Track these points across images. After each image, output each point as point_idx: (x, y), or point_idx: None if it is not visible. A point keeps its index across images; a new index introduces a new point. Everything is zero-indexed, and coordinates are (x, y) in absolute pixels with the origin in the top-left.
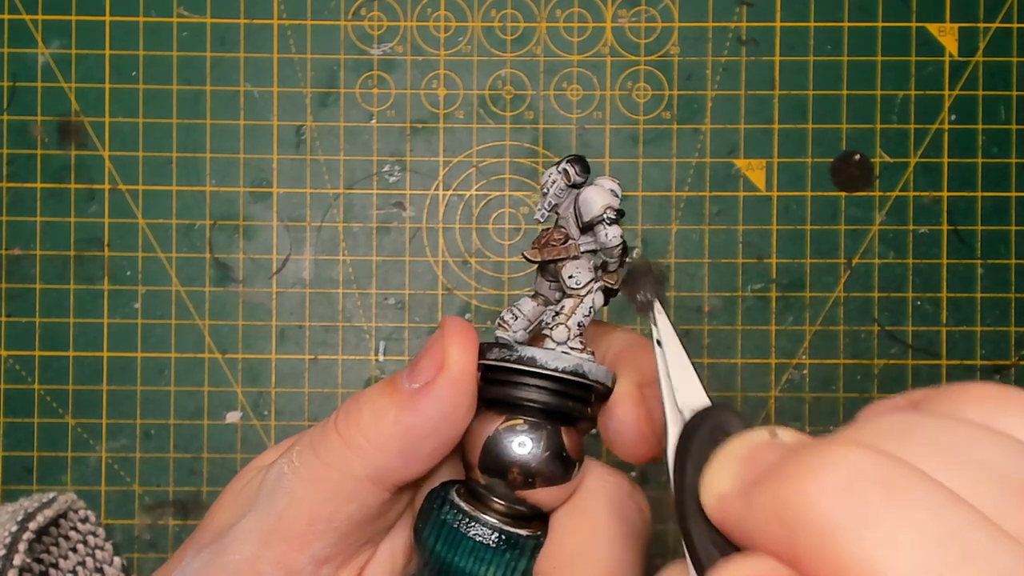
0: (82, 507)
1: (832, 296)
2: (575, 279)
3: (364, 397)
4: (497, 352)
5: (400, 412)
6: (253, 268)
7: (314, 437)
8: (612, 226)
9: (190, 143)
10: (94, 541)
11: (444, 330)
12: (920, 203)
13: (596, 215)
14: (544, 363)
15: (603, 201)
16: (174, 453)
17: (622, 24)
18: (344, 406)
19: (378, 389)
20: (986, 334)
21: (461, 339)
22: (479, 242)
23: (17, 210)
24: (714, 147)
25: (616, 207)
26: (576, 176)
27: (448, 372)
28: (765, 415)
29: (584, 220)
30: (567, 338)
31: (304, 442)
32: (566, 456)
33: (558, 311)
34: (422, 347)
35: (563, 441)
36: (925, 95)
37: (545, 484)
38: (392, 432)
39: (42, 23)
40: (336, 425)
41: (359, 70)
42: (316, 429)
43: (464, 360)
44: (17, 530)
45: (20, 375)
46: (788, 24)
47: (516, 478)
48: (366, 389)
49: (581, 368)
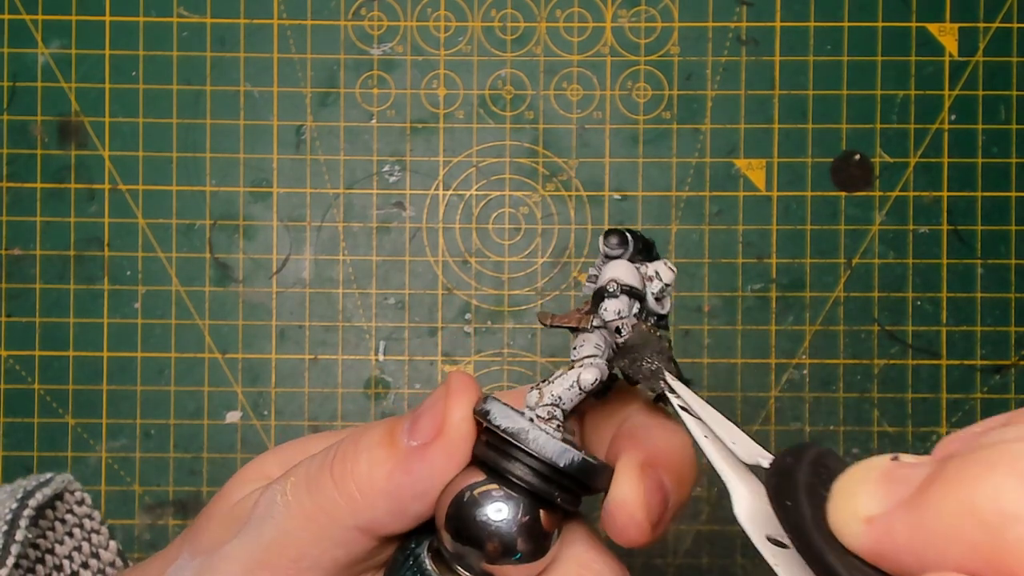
0: (78, 488)
1: (832, 296)
2: (577, 350)
3: (364, 441)
4: (477, 405)
5: (394, 469)
6: (253, 268)
7: (310, 473)
8: (610, 299)
9: (190, 143)
10: (90, 525)
11: (448, 388)
12: (920, 203)
13: (600, 285)
14: (492, 418)
15: (612, 274)
16: (174, 453)
17: (622, 24)
18: (343, 445)
19: (378, 436)
20: (986, 334)
21: (463, 401)
22: (479, 242)
23: (17, 210)
24: (714, 147)
25: (623, 282)
26: (607, 249)
27: (445, 438)
28: (765, 415)
29: (595, 289)
30: (535, 403)
31: (300, 475)
32: (542, 531)
33: (547, 378)
34: (428, 397)
35: (539, 515)
36: (925, 95)
37: (520, 560)
38: (383, 489)
39: (42, 23)
40: (332, 468)
41: (359, 70)
42: (314, 463)
43: (464, 427)
44: (17, 507)
45: (20, 375)
46: (788, 24)
47: (492, 549)
48: (370, 427)
49: (524, 434)
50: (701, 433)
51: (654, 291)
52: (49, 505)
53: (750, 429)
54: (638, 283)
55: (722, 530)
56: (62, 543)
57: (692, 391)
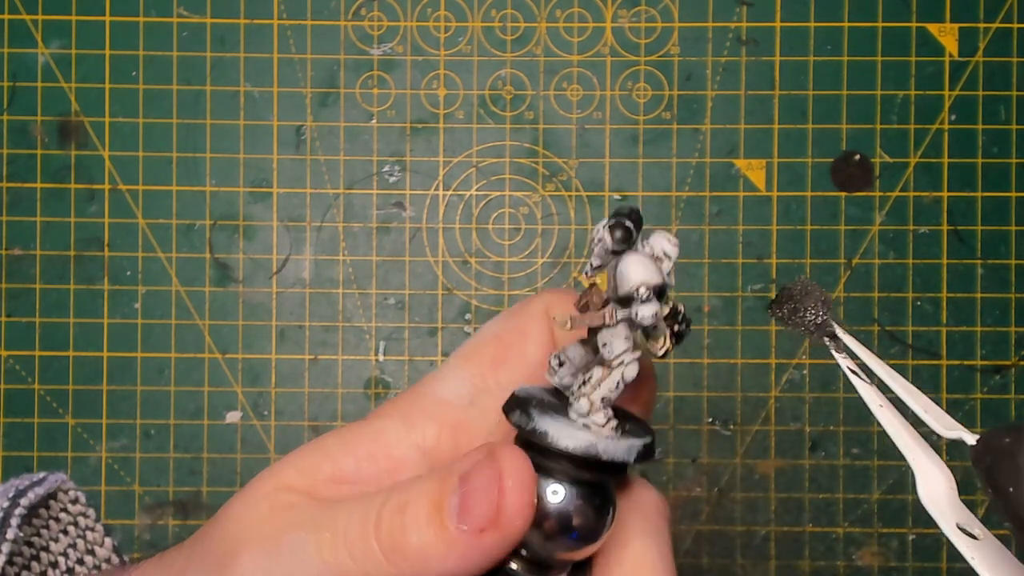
0: (72, 487)
1: (832, 296)
2: (609, 348)
3: (410, 516)
4: (517, 416)
5: (447, 553)
6: (253, 268)
7: (351, 536)
8: (645, 304)
9: (190, 143)
10: (84, 523)
11: (500, 469)
12: (920, 203)
13: (628, 292)
14: (555, 440)
15: (638, 278)
16: (174, 453)
17: (622, 24)
18: (388, 514)
19: (425, 514)
20: (986, 334)
21: (519, 487)
22: (479, 242)
23: (17, 210)
24: (714, 147)
25: (653, 284)
26: (615, 245)
27: (502, 530)
28: (765, 415)
29: (619, 294)
30: (588, 411)
31: (338, 534)
32: (599, 510)
33: (586, 379)
34: (472, 473)
35: (595, 496)
36: (925, 95)
37: (578, 540)
38: (437, 570)
39: (42, 23)
40: (380, 539)
41: (359, 70)
42: (353, 525)
43: (521, 519)
44: (9, 506)
45: (20, 375)
46: (788, 24)
47: (552, 528)
48: (413, 495)
49: (594, 448)
50: (876, 402)
51: (666, 271)
52: (43, 504)
53: (750, 429)
54: (660, 278)
55: (722, 530)
56: (56, 541)
57: (867, 349)
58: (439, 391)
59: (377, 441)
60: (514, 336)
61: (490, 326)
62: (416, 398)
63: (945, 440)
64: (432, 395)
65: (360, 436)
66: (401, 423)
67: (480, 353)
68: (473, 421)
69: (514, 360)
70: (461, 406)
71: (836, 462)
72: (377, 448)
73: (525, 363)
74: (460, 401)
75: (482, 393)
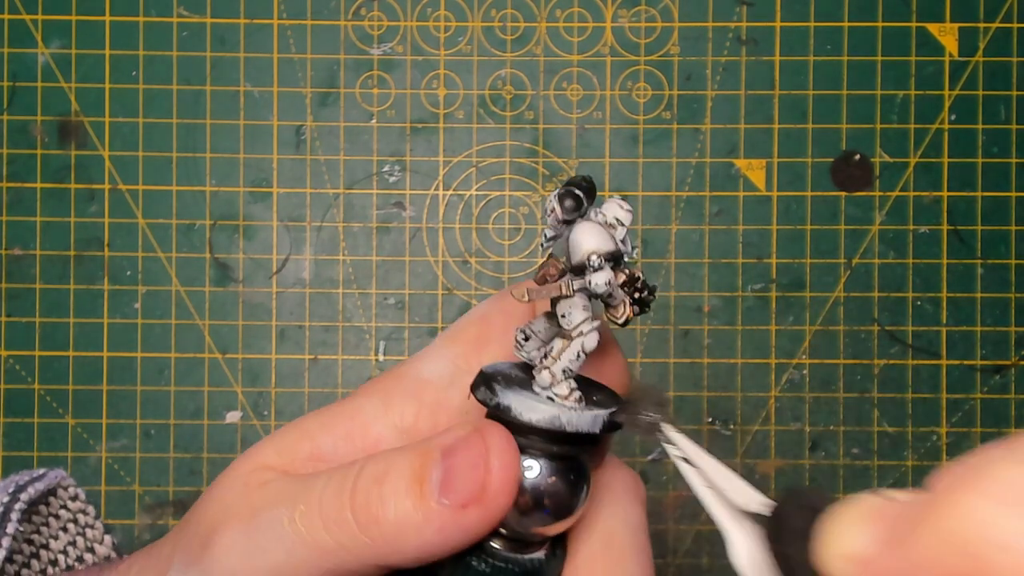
0: (72, 484)
1: (832, 296)
2: (567, 318)
3: (389, 486)
4: (482, 393)
5: (423, 526)
6: (253, 268)
7: (325, 507)
8: (597, 273)
9: (190, 143)
10: (84, 520)
11: (489, 447)
12: (920, 203)
13: (580, 261)
14: (519, 414)
15: (589, 246)
16: (174, 453)
17: (622, 24)
18: (364, 484)
19: (404, 484)
20: (986, 334)
21: (507, 461)
22: (479, 242)
23: (17, 210)
24: (714, 147)
25: (603, 252)
26: (565, 215)
27: (485, 506)
28: (765, 415)
29: (572, 263)
30: (550, 383)
31: (311, 506)
32: (573, 484)
33: (547, 351)
34: (457, 448)
35: (568, 470)
36: (925, 95)
37: (555, 515)
38: (413, 543)
39: (42, 23)
40: (354, 510)
41: (359, 70)
42: (328, 495)
43: (506, 495)
44: (9, 500)
45: (20, 375)
46: (788, 24)
47: (526, 503)
48: (390, 464)
49: (558, 420)
50: (700, 483)
51: (620, 238)
52: (43, 501)
53: (750, 429)
54: (613, 244)
55: None
56: (57, 538)
57: (688, 439)
58: (420, 371)
59: (355, 420)
60: (498, 317)
61: (477, 308)
62: (397, 379)
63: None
64: (412, 375)
65: (339, 416)
66: (380, 402)
67: (464, 333)
68: (452, 401)
69: (497, 340)
70: (441, 386)
71: (836, 462)
72: (355, 427)
73: (508, 343)
74: (440, 381)
75: (463, 373)
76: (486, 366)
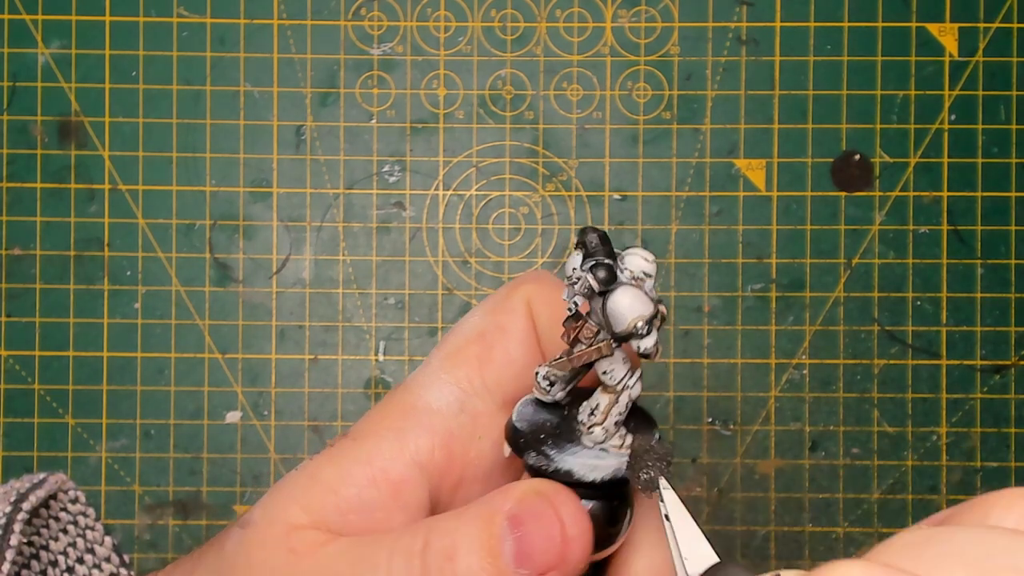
0: (72, 487)
1: (832, 296)
2: (610, 375)
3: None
4: (535, 459)
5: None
6: (253, 268)
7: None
8: (646, 338)
9: (190, 143)
10: (84, 522)
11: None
12: (920, 203)
13: (626, 331)
14: (582, 477)
15: (633, 314)
16: (174, 453)
17: (622, 24)
18: (435, 562)
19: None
20: (986, 334)
21: (583, 529)
22: (479, 242)
23: (17, 210)
24: (714, 147)
25: (647, 316)
26: (601, 286)
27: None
28: (765, 415)
29: (616, 332)
30: (604, 439)
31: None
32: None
33: (593, 408)
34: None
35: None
36: (925, 95)
37: (599, 546)
38: None
39: (42, 23)
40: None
41: (359, 70)
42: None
43: (585, 555)
44: (11, 511)
45: (20, 375)
46: (788, 24)
47: None
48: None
49: (620, 472)
50: (675, 545)
51: (650, 292)
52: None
53: (750, 429)
54: (652, 304)
55: (722, 530)
56: (56, 540)
57: (677, 498)
58: (428, 401)
59: (373, 464)
60: (497, 335)
61: (471, 320)
62: (404, 413)
63: None
64: (421, 407)
65: (355, 463)
66: (394, 440)
67: (463, 353)
68: (463, 429)
69: (498, 360)
70: (451, 414)
71: (836, 462)
72: (375, 471)
73: (509, 362)
74: (449, 409)
75: (470, 397)
76: (516, 419)
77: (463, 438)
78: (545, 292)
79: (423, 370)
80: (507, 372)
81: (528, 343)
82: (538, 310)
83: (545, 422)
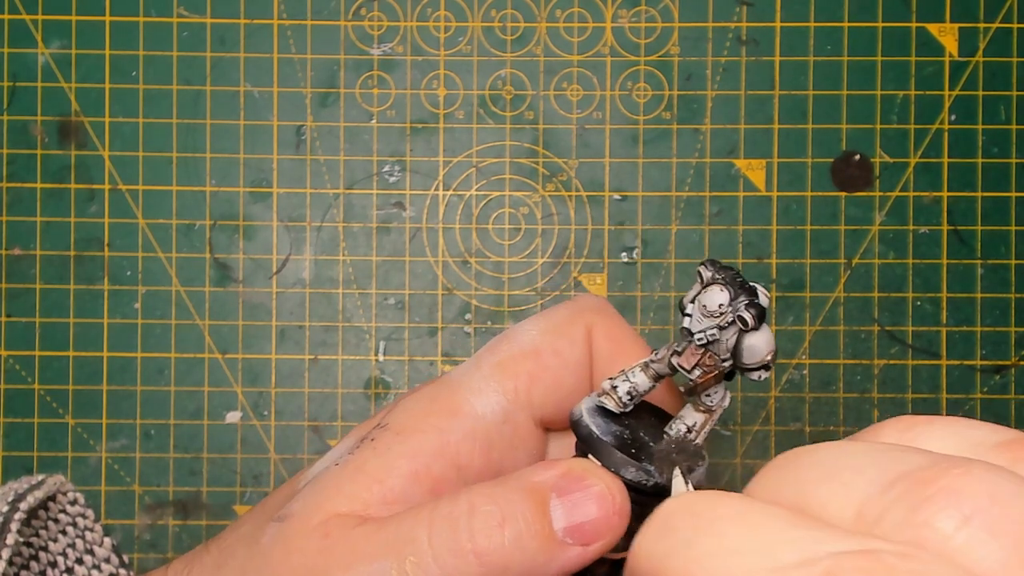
0: (71, 489)
1: (832, 296)
2: (712, 397)
3: (510, 529)
4: (633, 473)
5: (548, 563)
6: (253, 268)
7: (438, 551)
8: (771, 370)
9: (190, 143)
10: (83, 523)
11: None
12: (920, 203)
13: (758, 362)
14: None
15: (769, 347)
16: (174, 453)
17: (622, 24)
18: (483, 529)
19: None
20: (986, 334)
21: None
22: (479, 242)
23: (17, 210)
24: (714, 147)
25: (775, 350)
26: (753, 323)
27: (607, 537)
28: (765, 415)
29: (744, 364)
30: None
31: (424, 558)
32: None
33: (691, 426)
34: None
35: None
36: (925, 95)
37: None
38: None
39: (42, 23)
40: (478, 556)
41: (359, 70)
42: (440, 537)
43: (625, 521)
44: (8, 511)
45: (20, 375)
46: (788, 24)
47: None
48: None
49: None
50: None
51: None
52: (42, 506)
53: (750, 429)
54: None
55: None
56: (55, 541)
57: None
58: (473, 404)
59: (417, 459)
60: (552, 358)
61: (529, 333)
62: (451, 412)
63: None
64: (467, 411)
65: (400, 456)
66: (437, 440)
67: (516, 366)
68: (504, 439)
69: (548, 382)
70: (494, 423)
71: None
72: (418, 466)
73: (558, 387)
74: (494, 417)
75: (515, 409)
76: (599, 431)
77: (502, 448)
78: (607, 326)
79: (472, 372)
80: (553, 396)
81: (579, 374)
82: (599, 344)
83: (619, 432)
